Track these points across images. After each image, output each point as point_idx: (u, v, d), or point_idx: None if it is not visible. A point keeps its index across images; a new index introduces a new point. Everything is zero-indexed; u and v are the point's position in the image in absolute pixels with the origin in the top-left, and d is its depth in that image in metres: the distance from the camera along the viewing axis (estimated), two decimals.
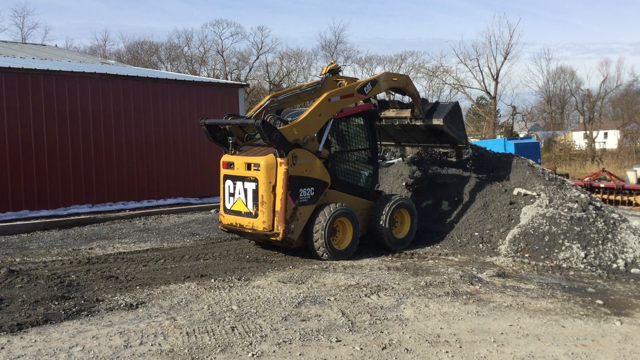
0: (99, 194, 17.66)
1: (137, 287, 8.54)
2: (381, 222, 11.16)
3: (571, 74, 73.79)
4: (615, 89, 60.80)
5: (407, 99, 12.88)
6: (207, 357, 5.85)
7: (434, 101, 13.31)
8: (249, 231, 10.49)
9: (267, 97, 11.35)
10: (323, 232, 10.22)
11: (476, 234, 11.58)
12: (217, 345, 6.14)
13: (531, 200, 11.85)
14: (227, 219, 10.86)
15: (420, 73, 71.67)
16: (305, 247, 10.54)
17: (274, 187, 10.03)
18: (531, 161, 13.52)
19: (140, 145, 18.47)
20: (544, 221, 11.05)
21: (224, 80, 29.51)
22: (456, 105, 12.66)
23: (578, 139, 65.66)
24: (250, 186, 10.28)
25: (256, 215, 10.22)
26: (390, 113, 12.82)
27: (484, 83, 54.88)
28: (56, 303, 7.65)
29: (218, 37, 78.57)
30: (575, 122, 71.73)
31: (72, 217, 15.77)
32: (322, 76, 11.93)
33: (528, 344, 6.30)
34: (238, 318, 7.05)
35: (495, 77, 53.58)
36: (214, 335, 6.46)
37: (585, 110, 60.92)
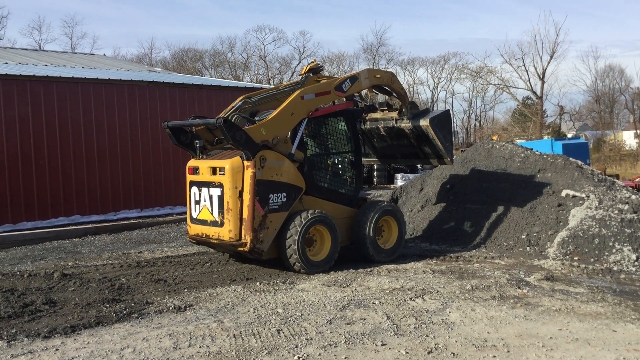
0: (147, 198, 18.06)
1: (185, 290, 8.70)
2: (365, 231, 10.36)
3: (620, 72, 71.89)
4: None
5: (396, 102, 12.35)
6: (253, 359, 5.92)
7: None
8: (215, 241, 9.69)
9: (240, 98, 10.50)
10: (296, 241, 9.39)
11: (523, 236, 11.40)
12: (264, 348, 6.21)
13: (580, 202, 11.60)
14: (194, 229, 10.06)
15: (463, 74, 71.09)
16: (278, 259, 9.82)
17: (241, 192, 9.21)
18: (580, 162, 13.26)
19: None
20: (594, 223, 10.80)
21: (267, 86, 29.79)
22: (447, 113, 12.03)
23: (628, 138, 63.77)
24: (216, 192, 9.46)
25: (222, 224, 9.39)
26: (376, 115, 12.10)
27: (530, 83, 54.04)
28: (107, 306, 7.86)
29: (261, 42, 79.58)
30: (625, 121, 69.78)
31: (122, 222, 16.18)
32: (302, 75, 11.05)
33: (578, 348, 6.17)
34: (283, 321, 7.11)
35: (541, 76, 52.66)
36: (260, 337, 6.53)
37: (635, 108, 59.23)
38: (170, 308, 7.71)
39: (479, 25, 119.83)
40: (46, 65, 20.65)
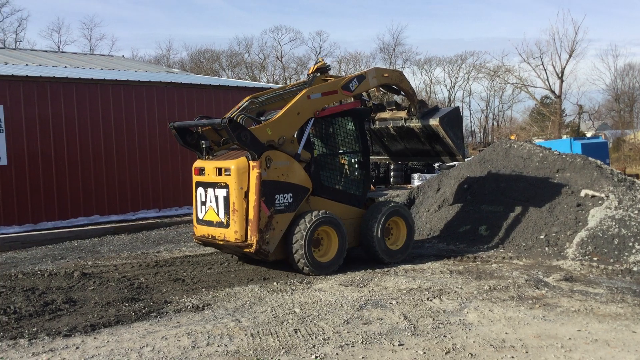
0: (166, 199, 18.21)
1: (203, 290, 8.76)
2: (373, 232, 10.20)
3: None
4: None
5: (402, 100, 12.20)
6: (271, 358, 5.95)
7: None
8: (221, 243, 9.66)
9: (247, 98, 10.40)
10: (303, 242, 9.27)
11: (542, 237, 11.31)
12: (281, 347, 6.23)
13: (599, 201, 11.49)
14: (200, 230, 10.05)
15: (481, 73, 70.70)
16: (285, 260, 9.72)
17: (246, 193, 9.14)
18: (599, 161, 13.11)
19: None
20: (613, 223, 10.70)
21: (276, 85, 29.89)
22: (456, 110, 11.94)
23: None
24: (221, 193, 9.40)
25: (228, 225, 9.34)
26: (385, 114, 12.07)
27: (549, 82, 53.63)
28: (127, 305, 7.94)
29: (277, 43, 79.72)
30: None
31: (140, 222, 16.32)
32: (309, 75, 10.86)
33: (597, 349, 6.13)
34: (301, 321, 7.13)
35: (560, 75, 52.26)
36: (277, 337, 6.56)
37: None
38: (189, 307, 7.77)
39: (496, 24, 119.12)
40: (65, 66, 20.88)
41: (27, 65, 19.77)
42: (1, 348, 6.37)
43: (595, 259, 10.19)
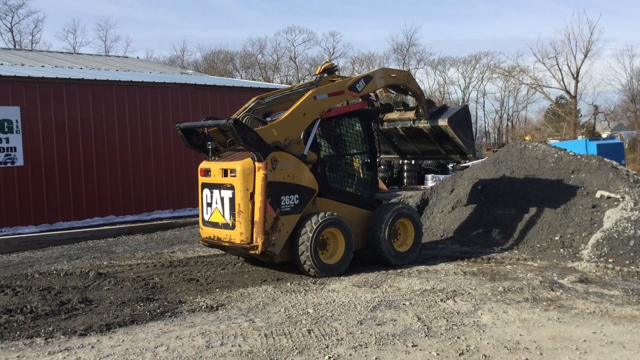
0: (180, 199, 18.31)
1: (217, 290, 8.80)
2: (380, 234, 10.09)
3: None
4: None
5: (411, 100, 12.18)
6: (285, 358, 5.97)
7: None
8: (227, 244, 9.63)
9: (253, 98, 10.34)
10: (309, 244, 9.21)
11: (557, 238, 11.24)
12: (295, 348, 6.25)
13: (615, 203, 11.40)
14: (205, 232, 10.04)
15: (495, 73, 70.33)
16: (291, 262, 9.64)
17: (252, 194, 9.10)
18: (615, 162, 13.01)
19: None
20: (629, 225, 10.61)
21: (282, 85, 30.02)
22: (465, 109, 11.83)
23: None
24: (227, 194, 9.37)
25: (233, 227, 9.31)
26: (393, 115, 12.04)
27: (564, 82, 53.24)
28: (141, 304, 8.00)
29: (291, 44, 79.83)
30: None
31: (155, 222, 16.41)
32: (316, 76, 10.79)
33: (612, 351, 6.09)
34: (314, 321, 7.15)
35: (575, 75, 51.86)
36: (291, 337, 6.58)
37: None
38: (203, 307, 7.82)
39: (511, 24, 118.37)
40: (81, 68, 21.06)
41: (43, 66, 19.97)
42: (18, 347, 6.45)
43: (610, 260, 10.12)
